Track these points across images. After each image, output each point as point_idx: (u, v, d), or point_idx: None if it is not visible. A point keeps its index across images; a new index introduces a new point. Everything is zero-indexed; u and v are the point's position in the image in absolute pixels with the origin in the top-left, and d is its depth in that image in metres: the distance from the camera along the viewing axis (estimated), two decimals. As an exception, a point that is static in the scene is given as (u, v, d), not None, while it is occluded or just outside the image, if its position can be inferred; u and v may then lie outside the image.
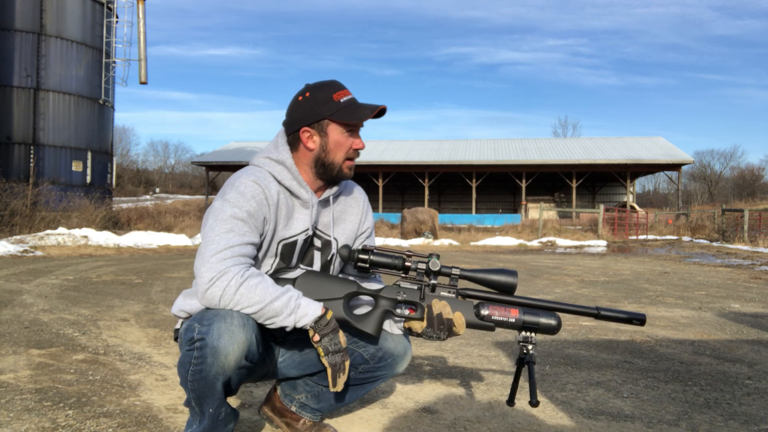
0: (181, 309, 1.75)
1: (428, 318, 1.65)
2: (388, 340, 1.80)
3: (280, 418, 2.01)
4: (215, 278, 1.54)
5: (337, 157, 1.76)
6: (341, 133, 1.75)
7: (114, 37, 20.29)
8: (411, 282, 1.72)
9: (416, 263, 1.70)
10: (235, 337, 1.53)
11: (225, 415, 1.66)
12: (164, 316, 4.51)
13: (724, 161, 67.24)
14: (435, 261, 1.69)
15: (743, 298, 5.99)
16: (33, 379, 2.70)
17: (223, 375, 1.56)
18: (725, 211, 22.56)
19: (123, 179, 55.22)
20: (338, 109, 1.72)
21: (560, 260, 11.58)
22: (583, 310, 1.72)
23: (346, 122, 1.73)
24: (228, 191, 1.68)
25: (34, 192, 15.51)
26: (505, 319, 1.66)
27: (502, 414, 2.35)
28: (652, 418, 2.34)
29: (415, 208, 20.71)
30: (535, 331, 1.66)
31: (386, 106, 1.73)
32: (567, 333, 4.05)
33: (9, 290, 5.71)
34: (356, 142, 1.77)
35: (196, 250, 11.69)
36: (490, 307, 1.67)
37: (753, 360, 3.33)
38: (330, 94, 1.73)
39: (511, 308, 1.67)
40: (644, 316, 1.72)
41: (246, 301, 1.55)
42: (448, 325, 1.64)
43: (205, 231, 1.65)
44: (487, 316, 1.67)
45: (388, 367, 1.82)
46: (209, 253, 1.57)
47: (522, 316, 1.66)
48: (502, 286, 1.69)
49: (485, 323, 1.67)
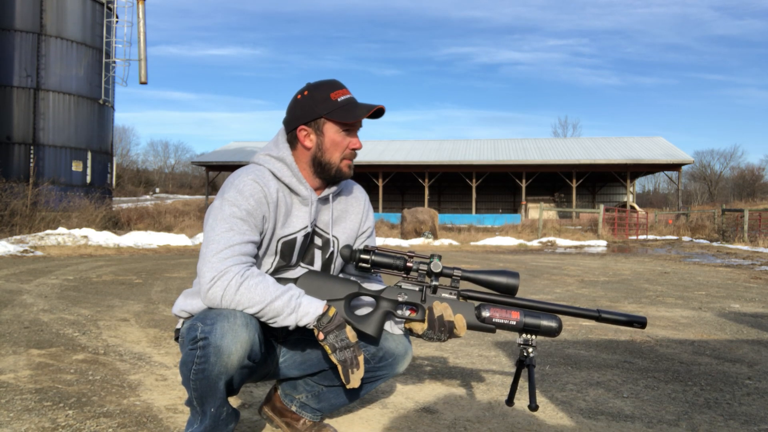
0: (182, 309, 1.75)
1: (429, 320, 1.65)
2: (388, 340, 1.80)
3: (281, 418, 2.01)
4: (216, 278, 1.54)
5: (333, 156, 1.76)
6: (337, 132, 1.75)
7: (114, 37, 20.29)
8: (412, 283, 1.71)
9: (418, 264, 1.70)
10: (239, 337, 1.53)
11: (226, 415, 1.66)
12: (164, 316, 4.51)
13: (724, 161, 67.31)
14: (437, 262, 1.68)
15: (743, 298, 5.99)
16: (33, 379, 2.70)
17: (225, 374, 1.56)
18: (725, 211, 22.55)
19: (123, 179, 55.22)
20: (335, 108, 1.72)
21: (560, 260, 11.58)
22: (585, 313, 1.71)
23: (342, 121, 1.73)
24: (227, 190, 1.69)
25: (34, 192, 15.51)
26: (506, 321, 1.66)
27: (502, 414, 2.35)
28: (652, 418, 2.34)
29: (415, 208, 20.71)
30: (536, 333, 1.66)
31: (384, 107, 1.73)
32: (567, 333, 4.05)
33: (9, 290, 5.71)
34: (353, 141, 1.77)
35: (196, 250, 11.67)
36: (491, 309, 1.67)
37: (753, 360, 3.33)
38: (328, 93, 1.74)
39: (512, 311, 1.67)
40: (645, 320, 1.71)
41: (247, 301, 1.55)
42: (449, 327, 1.64)
43: (205, 231, 1.66)
44: (488, 318, 1.66)
45: (388, 366, 1.82)
46: (210, 253, 1.58)
47: (523, 319, 1.66)
48: (504, 288, 1.69)
49: (486, 325, 1.67)
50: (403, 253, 1.71)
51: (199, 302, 1.73)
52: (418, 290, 1.70)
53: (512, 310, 1.67)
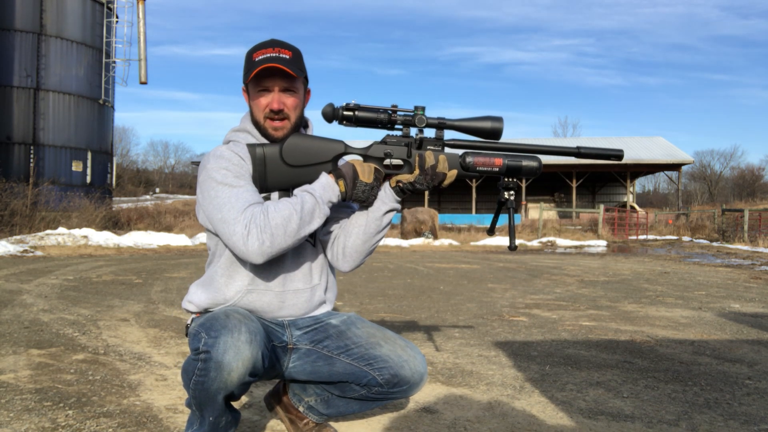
0: (189, 301, 1.75)
1: (420, 166, 1.68)
2: (404, 368, 1.74)
3: (285, 413, 1.99)
4: (246, 223, 1.55)
5: (258, 116, 1.75)
6: (256, 92, 1.73)
7: (114, 37, 20.29)
8: (398, 139, 1.73)
9: (403, 117, 1.70)
10: (241, 354, 1.51)
11: (225, 423, 1.65)
12: (164, 316, 4.51)
13: (724, 161, 67.26)
14: (421, 117, 1.69)
15: (743, 298, 5.99)
16: (33, 379, 2.70)
17: (225, 390, 1.54)
18: (725, 211, 22.55)
19: (123, 179, 55.16)
20: (249, 68, 1.71)
21: (560, 260, 11.58)
22: (565, 150, 1.78)
23: (250, 82, 1.72)
24: (207, 162, 1.69)
25: (34, 192, 15.51)
26: (489, 168, 1.72)
27: (502, 414, 2.35)
28: (652, 418, 2.34)
29: (415, 208, 20.70)
30: (518, 175, 1.73)
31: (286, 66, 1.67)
32: (567, 333, 4.05)
33: (9, 290, 5.71)
34: (270, 102, 1.72)
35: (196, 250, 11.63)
36: (475, 157, 1.72)
37: (753, 360, 3.33)
38: (252, 53, 1.73)
39: (495, 158, 1.72)
40: (621, 151, 1.80)
41: (281, 218, 1.55)
42: (441, 177, 1.68)
43: (207, 199, 1.64)
44: (471, 165, 1.71)
45: (401, 392, 1.79)
46: (228, 212, 1.58)
47: (506, 162, 1.72)
48: (488, 132, 1.72)
49: (471, 173, 1.74)
50: (387, 108, 1.70)
51: (206, 294, 1.73)
52: (404, 145, 1.72)
53: (495, 157, 1.72)
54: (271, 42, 1.73)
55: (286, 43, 1.74)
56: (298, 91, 1.76)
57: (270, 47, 1.71)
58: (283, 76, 1.70)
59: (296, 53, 1.75)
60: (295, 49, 1.75)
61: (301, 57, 1.77)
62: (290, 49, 1.73)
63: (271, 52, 1.69)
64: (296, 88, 1.74)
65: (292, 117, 1.74)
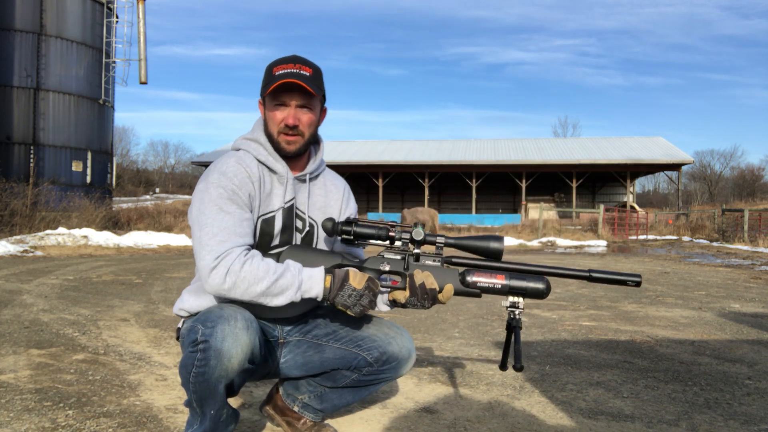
0: (181, 308, 1.75)
1: (410, 287, 1.63)
2: (392, 345, 1.80)
3: (282, 417, 2.01)
4: (219, 258, 1.54)
5: (273, 129, 1.76)
6: (273, 106, 1.75)
7: (114, 37, 20.28)
8: (395, 252, 1.70)
9: (400, 233, 1.69)
10: (239, 340, 1.53)
11: (226, 416, 1.66)
12: (164, 316, 4.51)
13: (724, 161, 67.28)
14: (419, 230, 1.67)
15: (743, 298, 5.99)
16: (33, 379, 2.70)
17: (225, 378, 1.55)
18: (725, 211, 22.54)
19: (123, 179, 55.19)
20: (268, 82, 1.72)
21: (560, 260, 11.58)
22: (575, 273, 1.67)
23: (268, 95, 1.73)
24: (211, 174, 1.69)
25: (34, 192, 15.50)
26: (491, 285, 1.64)
27: (502, 414, 2.35)
28: (652, 418, 2.34)
29: (415, 208, 20.72)
30: (523, 295, 1.64)
31: (306, 84, 1.68)
32: (567, 333, 4.05)
33: (9, 290, 5.71)
34: (286, 117, 1.73)
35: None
36: (476, 274, 1.65)
37: (753, 360, 3.33)
38: (272, 67, 1.74)
39: (497, 274, 1.65)
40: (640, 277, 1.67)
41: (252, 278, 1.54)
42: (432, 294, 1.62)
43: (194, 215, 1.65)
44: (472, 282, 1.65)
45: (391, 370, 1.82)
46: (207, 236, 1.58)
47: (509, 281, 1.64)
48: (489, 252, 1.68)
49: (471, 290, 1.65)
50: (386, 223, 1.70)
51: (198, 301, 1.73)
52: (400, 259, 1.69)
53: (497, 274, 1.65)
54: (293, 58, 1.74)
55: (307, 60, 1.76)
56: (315, 108, 1.77)
57: (291, 63, 1.72)
58: (301, 92, 1.71)
59: (317, 71, 1.76)
60: (316, 67, 1.77)
61: (320, 75, 1.79)
62: (311, 66, 1.75)
63: (292, 67, 1.71)
64: (313, 106, 1.76)
65: (306, 134, 1.76)
